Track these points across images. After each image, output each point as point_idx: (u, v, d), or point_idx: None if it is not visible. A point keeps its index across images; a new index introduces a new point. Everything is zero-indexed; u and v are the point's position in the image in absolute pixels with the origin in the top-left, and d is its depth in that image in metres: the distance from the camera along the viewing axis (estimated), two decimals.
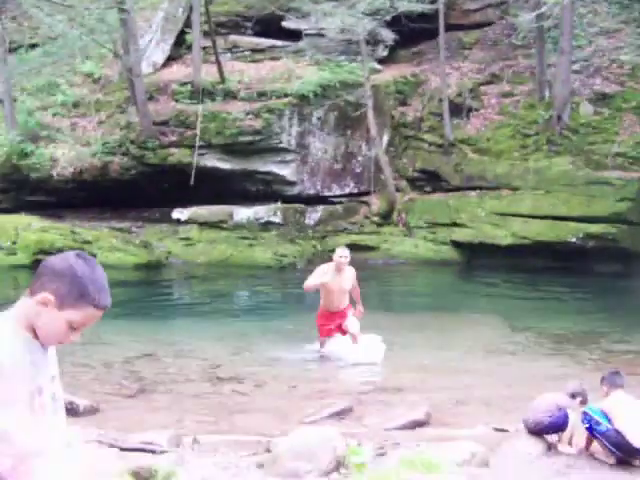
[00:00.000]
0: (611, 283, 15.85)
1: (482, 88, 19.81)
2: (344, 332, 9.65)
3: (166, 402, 7.67)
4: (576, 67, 19.03)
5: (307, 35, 20.40)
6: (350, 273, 9.57)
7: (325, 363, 9.59)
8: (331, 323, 9.64)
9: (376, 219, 18.85)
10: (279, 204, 18.66)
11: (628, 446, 5.40)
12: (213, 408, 7.44)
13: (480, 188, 18.25)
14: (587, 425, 5.59)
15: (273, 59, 20.36)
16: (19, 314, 2.18)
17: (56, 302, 2.14)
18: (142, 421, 6.76)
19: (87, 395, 7.53)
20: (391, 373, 8.99)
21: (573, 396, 5.91)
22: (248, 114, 18.39)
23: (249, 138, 18.39)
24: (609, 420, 5.52)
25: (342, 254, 9.44)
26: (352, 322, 9.63)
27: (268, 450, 5.56)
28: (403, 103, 19.97)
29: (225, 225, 18.41)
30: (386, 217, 18.84)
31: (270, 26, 20.60)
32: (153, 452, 5.48)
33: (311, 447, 5.25)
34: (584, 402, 5.92)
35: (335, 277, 9.37)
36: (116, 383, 8.37)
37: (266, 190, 19.06)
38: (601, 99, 18.70)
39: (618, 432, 5.40)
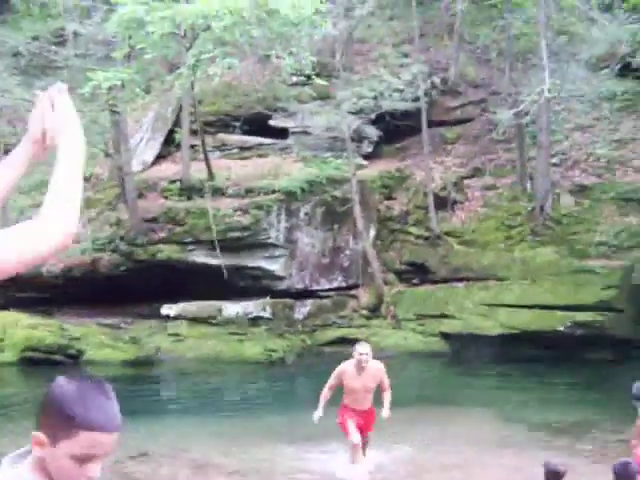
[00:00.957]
0: (600, 370, 15.90)
1: (466, 181, 20.29)
2: (363, 433, 8.94)
3: None
4: (555, 160, 19.61)
5: (293, 133, 20.94)
6: (375, 370, 8.83)
7: (317, 461, 9.51)
8: (354, 416, 8.91)
9: (365, 312, 18.94)
10: (268, 299, 18.75)
11: None
12: None
13: (467, 279, 18.45)
14: None
15: (260, 156, 20.83)
16: (34, 458, 1.87)
17: (48, 439, 1.82)
18: None
19: None
20: (383, 469, 8.92)
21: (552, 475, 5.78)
22: (236, 210, 18.69)
23: (238, 234, 18.63)
24: None
25: (362, 351, 8.70)
26: (368, 441, 9.08)
27: None
28: (389, 197, 20.37)
29: (214, 320, 18.44)
30: (374, 310, 18.94)
31: (257, 124, 21.14)
32: None
33: None
34: (562, 476, 5.81)
35: (356, 375, 8.71)
36: None
37: (255, 285, 19.18)
38: (581, 190, 19.19)
39: None
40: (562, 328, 16.75)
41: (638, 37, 19.14)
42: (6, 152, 20.34)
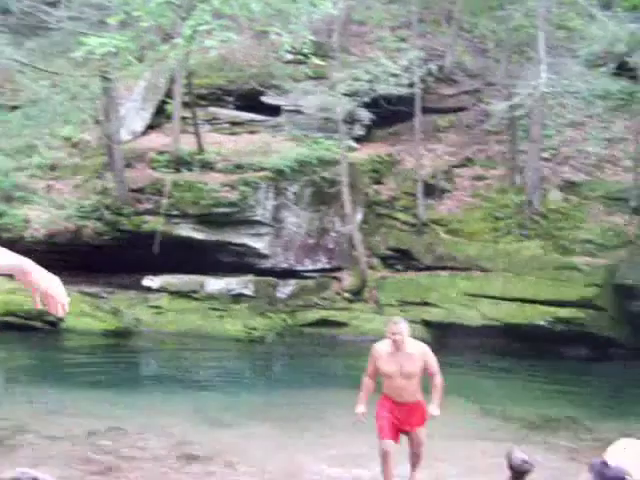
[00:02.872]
0: (578, 367, 16.01)
1: (455, 170, 20.26)
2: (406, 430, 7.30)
3: None
4: (546, 155, 19.60)
5: (286, 111, 20.79)
6: (417, 351, 7.19)
7: (295, 441, 9.49)
8: (392, 414, 7.22)
9: (347, 295, 18.93)
10: (251, 276, 18.69)
11: None
12: None
13: (451, 268, 18.47)
14: None
15: (251, 132, 20.69)
16: None
17: None
18: None
19: (51, 471, 7.36)
20: (363, 455, 8.90)
21: (516, 470, 5.71)
22: (224, 186, 18.56)
23: (224, 210, 18.52)
24: None
25: (394, 330, 7.05)
26: (421, 437, 7.29)
27: None
28: (378, 182, 20.31)
29: (196, 295, 18.36)
30: (357, 294, 18.93)
31: (250, 100, 20.98)
32: None
33: None
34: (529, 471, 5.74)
35: (391, 358, 7.10)
36: (82, 458, 8.20)
37: (239, 262, 19.10)
38: (569, 187, 19.21)
39: None
40: (543, 323, 16.82)
41: (636, 37, 19.11)
42: None
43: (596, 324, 16.86)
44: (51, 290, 2.23)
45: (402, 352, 7.11)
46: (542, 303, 17.01)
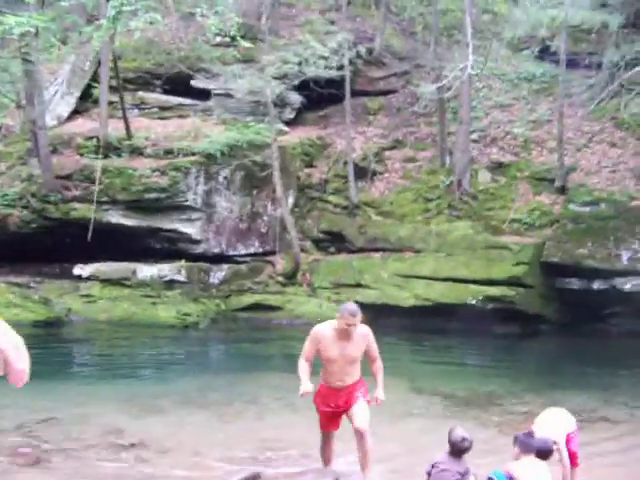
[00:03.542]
0: (509, 344, 16.37)
1: (386, 153, 20.41)
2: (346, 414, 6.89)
3: (67, 472, 7.38)
4: (474, 137, 19.91)
5: (215, 95, 20.58)
6: (360, 335, 6.74)
7: (230, 426, 9.46)
8: (330, 403, 6.86)
9: (281, 279, 18.92)
10: (183, 262, 18.51)
11: None
12: (116, 478, 7.22)
13: (383, 250, 18.62)
14: None
15: (181, 117, 20.43)
16: None
17: None
18: None
19: None
20: (298, 437, 8.93)
21: (458, 455, 5.83)
22: (154, 171, 18.29)
23: (155, 195, 18.25)
24: None
25: (350, 322, 6.57)
26: (361, 412, 6.77)
27: None
28: (309, 165, 20.32)
29: (128, 282, 18.11)
30: (290, 277, 18.93)
31: (179, 84, 20.70)
32: None
33: None
34: (461, 451, 5.86)
35: (335, 343, 6.68)
36: (11, 450, 8.00)
37: (170, 248, 18.89)
38: (497, 168, 19.56)
39: None
40: (474, 302, 17.12)
41: (557, 21, 19.54)
42: None
43: (525, 302, 17.24)
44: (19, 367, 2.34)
45: (349, 336, 6.67)
46: (473, 282, 17.30)
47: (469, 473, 5.87)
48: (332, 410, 6.89)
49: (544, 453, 6.08)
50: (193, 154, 18.55)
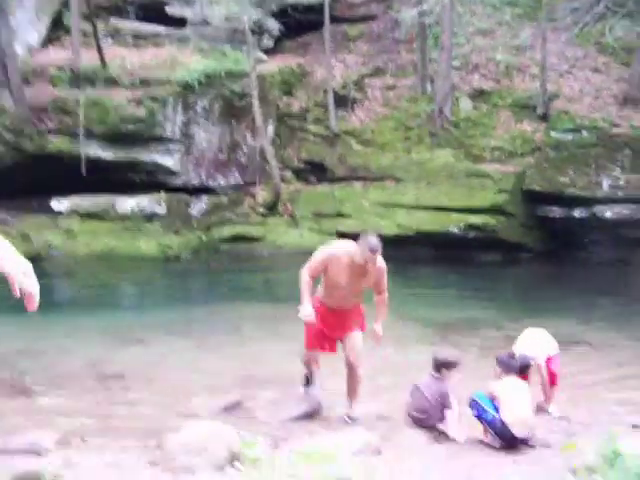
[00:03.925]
0: (490, 272, 16.46)
1: (366, 80, 20.11)
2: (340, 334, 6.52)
3: (51, 401, 7.38)
4: (456, 63, 19.62)
5: (191, 23, 20.08)
6: (374, 270, 6.28)
7: (212, 355, 9.48)
8: (325, 322, 6.39)
9: (261, 210, 18.82)
10: (162, 194, 18.33)
11: (511, 436, 5.62)
12: (101, 406, 7.23)
13: (364, 179, 18.52)
14: (475, 413, 5.77)
15: (156, 46, 19.92)
16: None
17: None
18: (25, 421, 6.48)
19: None
20: (280, 364, 8.97)
21: (437, 368, 5.98)
22: (131, 102, 17.92)
23: (132, 127, 17.93)
24: (496, 408, 5.71)
25: (370, 259, 6.05)
26: (354, 343, 6.47)
27: (159, 447, 5.44)
28: (288, 94, 20.01)
29: (108, 216, 17.93)
30: (271, 208, 18.84)
31: (153, 12, 20.15)
32: (38, 454, 5.26)
33: (203, 442, 5.17)
34: (450, 366, 6.00)
35: (348, 271, 6.16)
36: None
37: (150, 180, 18.66)
38: (479, 95, 19.35)
39: (503, 423, 5.60)
40: (456, 230, 17.15)
41: None
42: None
43: (506, 230, 17.29)
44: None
45: (364, 268, 6.16)
46: (454, 211, 17.30)
47: (448, 395, 5.93)
48: (322, 329, 6.37)
49: (522, 368, 6.17)
50: (170, 84, 18.17)
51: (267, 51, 20.46)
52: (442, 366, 6.03)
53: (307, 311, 6.10)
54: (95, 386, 8.02)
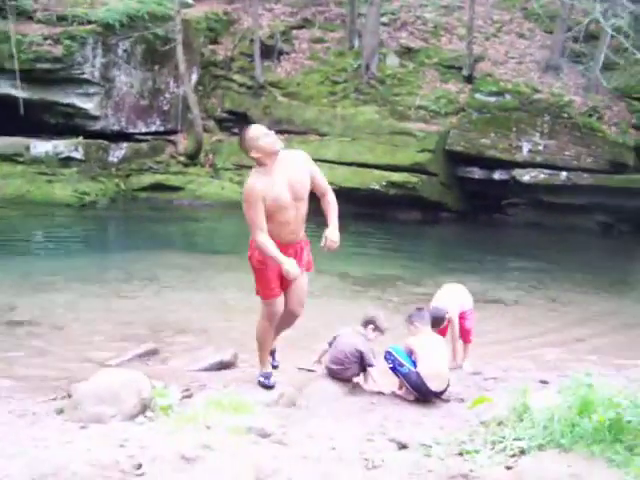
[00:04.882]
0: (410, 230, 16.61)
1: (294, 32, 19.81)
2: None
3: None
4: (384, 19, 19.50)
5: None
6: (299, 159, 5.23)
7: (127, 303, 9.27)
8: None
9: (182, 159, 18.45)
10: (80, 139, 17.72)
11: (426, 389, 5.66)
12: (8, 353, 6.97)
13: (288, 132, 18.31)
14: (390, 365, 5.78)
15: None
16: None
17: None
18: None
19: None
20: (196, 313, 8.85)
21: (366, 324, 6.04)
22: (46, 39, 17.15)
23: (48, 66, 17.19)
24: (413, 362, 5.74)
25: (264, 136, 5.06)
26: (301, 290, 5.64)
27: (68, 395, 5.27)
28: (214, 41, 19.55)
29: (21, 159, 17.23)
30: (193, 157, 18.48)
31: None
32: None
33: (114, 390, 5.02)
34: (378, 329, 6.04)
35: (275, 181, 5.06)
36: None
37: (67, 123, 18.00)
38: (406, 53, 19.31)
39: (419, 375, 5.64)
40: (378, 187, 17.18)
41: None
42: None
43: (427, 189, 17.42)
44: None
45: (282, 166, 5.08)
46: (377, 168, 17.32)
47: (370, 350, 5.93)
48: (279, 274, 5.23)
49: (436, 320, 6.23)
50: (89, 23, 17.45)
51: None
52: (370, 323, 6.02)
53: (290, 265, 5.03)
54: (2, 333, 7.74)
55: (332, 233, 5.28)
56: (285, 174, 5.08)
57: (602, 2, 15.26)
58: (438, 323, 6.34)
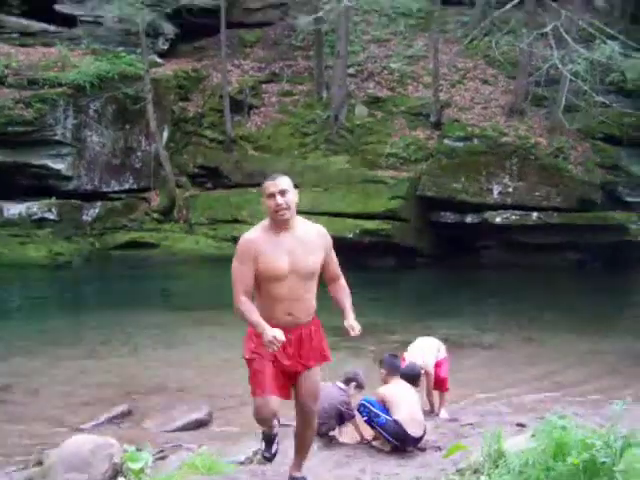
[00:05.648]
0: (385, 277, 16.64)
1: (263, 86, 20.08)
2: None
3: None
4: (351, 71, 19.84)
5: (83, 22, 19.55)
6: (315, 232, 4.47)
7: (102, 364, 9.19)
8: (281, 351, 4.24)
9: (156, 216, 18.48)
10: (54, 199, 17.74)
11: (406, 436, 5.65)
12: None
13: (260, 185, 18.35)
14: (365, 417, 5.78)
15: (45, 45, 19.27)
16: None
17: None
18: None
19: None
20: (172, 372, 8.79)
21: (348, 381, 6.10)
22: (18, 103, 17.26)
23: (20, 129, 17.26)
24: (386, 411, 5.74)
25: (272, 190, 4.38)
26: (312, 382, 4.48)
27: (40, 462, 5.21)
28: (184, 98, 19.75)
29: None
30: (167, 214, 18.52)
31: (41, 9, 19.46)
32: None
33: (84, 456, 4.99)
34: (360, 387, 6.12)
35: (277, 246, 4.31)
36: None
37: (40, 185, 18.01)
38: (374, 102, 19.61)
39: (397, 422, 5.63)
40: (351, 235, 17.27)
41: None
42: None
43: (401, 235, 17.55)
44: None
45: (292, 234, 4.34)
46: (350, 216, 17.42)
47: (350, 405, 5.97)
48: (276, 360, 4.28)
49: (412, 378, 6.24)
50: (60, 85, 17.59)
51: (162, 54, 20.13)
52: (353, 381, 6.15)
53: (273, 332, 4.06)
54: None
55: (355, 322, 4.56)
56: (291, 241, 4.30)
57: (559, 49, 15.64)
58: (415, 380, 6.34)
